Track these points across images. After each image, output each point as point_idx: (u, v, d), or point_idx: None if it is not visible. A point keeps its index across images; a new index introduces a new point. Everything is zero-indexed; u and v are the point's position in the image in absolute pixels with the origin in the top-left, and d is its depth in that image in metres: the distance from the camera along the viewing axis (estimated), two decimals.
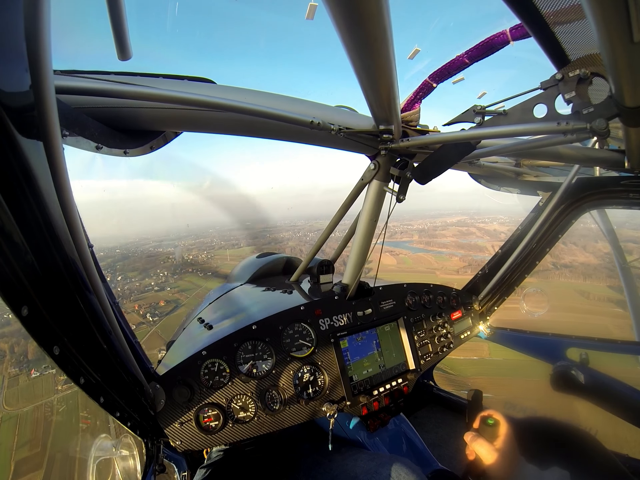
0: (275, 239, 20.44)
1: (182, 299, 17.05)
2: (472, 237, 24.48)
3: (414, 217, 28.02)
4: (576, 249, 12.51)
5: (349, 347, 1.84)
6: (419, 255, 24.70)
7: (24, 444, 6.86)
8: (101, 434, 1.74)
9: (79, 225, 0.74)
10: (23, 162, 0.57)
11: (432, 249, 25.08)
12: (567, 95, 1.00)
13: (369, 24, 0.75)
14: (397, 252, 24.79)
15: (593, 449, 1.36)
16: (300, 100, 1.36)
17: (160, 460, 1.33)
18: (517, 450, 1.12)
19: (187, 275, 19.57)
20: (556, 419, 1.42)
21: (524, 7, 0.95)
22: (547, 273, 12.16)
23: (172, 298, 17.75)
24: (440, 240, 25.74)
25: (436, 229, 27.36)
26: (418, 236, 27.17)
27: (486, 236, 22.92)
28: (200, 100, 1.03)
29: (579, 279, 12.94)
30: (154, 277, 18.66)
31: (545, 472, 1.06)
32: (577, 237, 10.02)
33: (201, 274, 19.34)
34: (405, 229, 27.24)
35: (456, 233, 25.86)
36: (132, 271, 19.03)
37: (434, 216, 30.12)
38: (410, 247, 25.94)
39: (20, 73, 0.54)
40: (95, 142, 1.11)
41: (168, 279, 18.88)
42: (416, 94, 1.45)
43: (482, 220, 24.98)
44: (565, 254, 12.69)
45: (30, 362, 9.41)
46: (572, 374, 2.42)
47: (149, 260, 20.14)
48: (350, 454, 1.65)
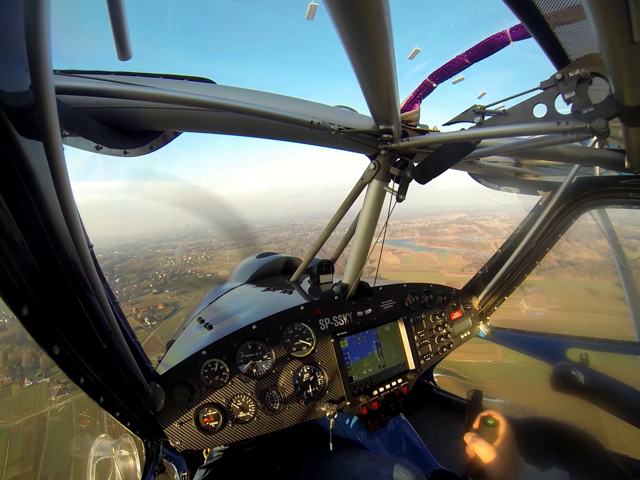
0: (276, 238, 20.19)
1: (181, 302, 16.62)
2: (474, 234, 24.17)
3: (414, 215, 27.65)
4: (580, 246, 12.44)
5: (348, 347, 1.84)
6: (421, 254, 24.26)
7: (15, 461, 6.61)
8: (101, 434, 1.73)
9: (79, 225, 0.74)
10: (23, 162, 0.57)
11: (435, 247, 24.65)
12: (567, 95, 1.00)
13: (369, 24, 0.76)
14: (399, 251, 24.42)
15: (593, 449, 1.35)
16: (300, 100, 1.36)
17: (160, 461, 1.33)
18: (516, 450, 1.12)
19: (186, 276, 19.15)
20: (556, 420, 1.42)
21: (524, 8, 0.95)
22: (553, 271, 12.02)
23: (171, 301, 17.34)
24: (442, 238, 25.34)
25: (437, 226, 26.99)
26: (419, 234, 26.79)
27: (488, 234, 22.74)
28: (200, 100, 1.03)
29: (585, 276, 12.82)
30: (152, 279, 18.21)
31: (545, 472, 1.06)
32: (580, 234, 9.97)
33: (200, 276, 18.94)
34: (406, 227, 26.90)
35: (457, 231, 25.50)
36: (131, 273, 18.76)
37: (434, 214, 29.78)
38: (412, 245, 25.56)
39: (20, 73, 0.54)
40: (95, 142, 1.11)
41: (167, 281, 18.43)
42: (416, 94, 1.45)
43: (483, 217, 24.80)
44: (570, 251, 12.59)
45: (24, 371, 9.17)
46: (572, 374, 2.42)
47: (148, 261, 19.67)
48: (350, 454, 1.65)
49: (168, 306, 16.82)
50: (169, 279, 18.48)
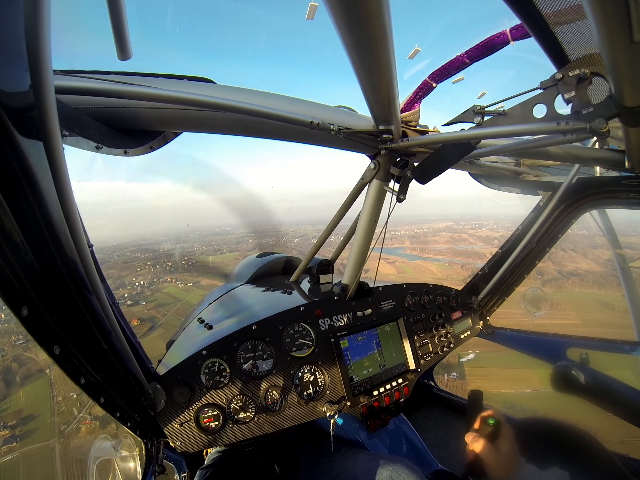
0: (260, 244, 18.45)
1: (159, 317, 14.07)
2: (466, 243, 23.73)
3: (400, 223, 26.85)
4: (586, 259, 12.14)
5: (349, 347, 1.84)
6: (417, 264, 23.51)
7: None
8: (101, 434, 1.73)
9: (79, 225, 0.74)
10: (23, 162, 0.57)
11: (429, 256, 24.06)
12: (567, 95, 1.00)
13: (369, 24, 0.75)
14: (392, 260, 23.75)
15: (593, 449, 1.36)
16: (300, 101, 1.36)
17: (160, 461, 1.33)
18: (517, 450, 1.12)
19: (165, 286, 17.04)
20: (556, 420, 1.42)
21: (524, 7, 0.95)
22: (560, 282, 11.53)
23: (148, 315, 15.10)
24: (434, 247, 24.83)
25: (426, 235, 26.60)
26: (409, 242, 26.27)
27: (480, 242, 22.40)
28: (200, 100, 1.03)
29: (592, 288, 12.36)
30: (128, 287, 16.02)
31: (546, 472, 1.06)
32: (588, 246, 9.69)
33: (182, 285, 16.85)
34: (394, 235, 26.38)
35: (448, 239, 24.98)
36: (107, 279, 16.71)
37: (418, 222, 29.22)
38: (404, 254, 24.91)
39: (20, 73, 0.54)
40: (95, 142, 1.11)
41: (144, 290, 16.24)
42: (416, 94, 1.45)
43: (470, 226, 24.43)
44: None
45: None
46: (572, 374, 2.42)
47: (125, 266, 17.42)
48: (350, 454, 1.65)
49: (144, 322, 14.45)
50: (147, 287, 16.57)
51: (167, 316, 13.81)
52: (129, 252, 18.33)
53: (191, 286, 15.99)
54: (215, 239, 18.95)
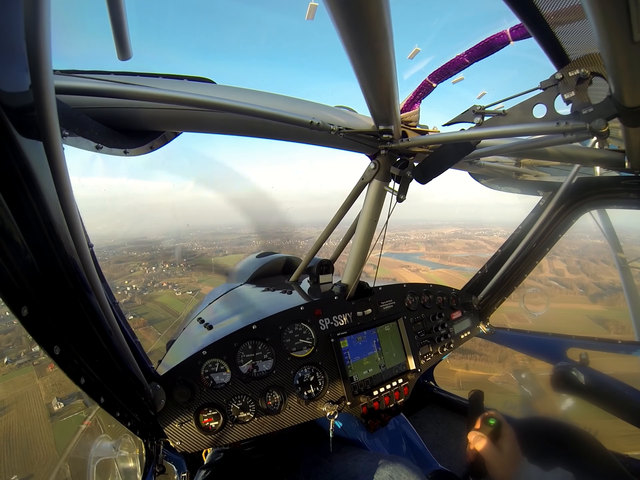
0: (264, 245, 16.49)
1: (150, 340, 10.65)
2: (484, 250, 21.42)
3: (405, 227, 25.70)
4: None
5: (349, 347, 1.84)
6: (442, 272, 20.92)
7: None
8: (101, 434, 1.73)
9: (79, 225, 0.74)
10: (23, 162, 0.57)
11: (452, 264, 21.71)
12: (567, 95, 1.00)
13: (369, 24, 0.75)
14: (414, 267, 21.54)
15: (594, 449, 1.35)
16: (299, 101, 1.36)
17: (160, 461, 1.33)
18: (519, 450, 1.12)
19: (160, 293, 14.39)
20: (557, 420, 1.42)
21: (524, 7, 0.95)
22: (611, 298, 10.78)
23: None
24: (455, 254, 22.70)
25: (440, 240, 24.65)
26: (425, 248, 24.50)
27: (497, 249, 21.38)
28: (200, 100, 1.03)
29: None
30: (119, 292, 13.42)
31: (548, 472, 1.06)
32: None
33: (179, 294, 14.26)
34: (405, 239, 25.00)
35: (466, 246, 23.18)
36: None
37: (424, 226, 27.95)
38: (424, 261, 22.76)
39: (20, 73, 0.54)
40: (95, 142, 1.10)
41: (135, 297, 13.74)
42: (416, 94, 1.45)
43: (480, 232, 23.24)
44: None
45: None
46: (572, 374, 2.42)
47: (118, 266, 15.00)
48: (350, 454, 1.65)
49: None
50: (138, 295, 14.27)
51: (159, 338, 10.79)
52: (124, 250, 16.40)
53: (190, 295, 13.89)
54: (216, 239, 17.66)
